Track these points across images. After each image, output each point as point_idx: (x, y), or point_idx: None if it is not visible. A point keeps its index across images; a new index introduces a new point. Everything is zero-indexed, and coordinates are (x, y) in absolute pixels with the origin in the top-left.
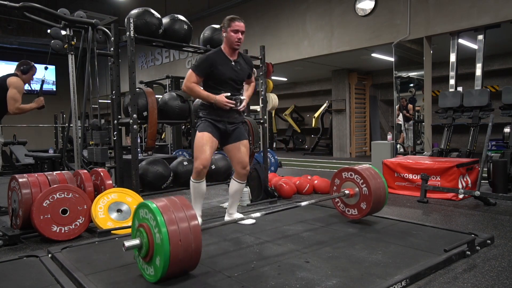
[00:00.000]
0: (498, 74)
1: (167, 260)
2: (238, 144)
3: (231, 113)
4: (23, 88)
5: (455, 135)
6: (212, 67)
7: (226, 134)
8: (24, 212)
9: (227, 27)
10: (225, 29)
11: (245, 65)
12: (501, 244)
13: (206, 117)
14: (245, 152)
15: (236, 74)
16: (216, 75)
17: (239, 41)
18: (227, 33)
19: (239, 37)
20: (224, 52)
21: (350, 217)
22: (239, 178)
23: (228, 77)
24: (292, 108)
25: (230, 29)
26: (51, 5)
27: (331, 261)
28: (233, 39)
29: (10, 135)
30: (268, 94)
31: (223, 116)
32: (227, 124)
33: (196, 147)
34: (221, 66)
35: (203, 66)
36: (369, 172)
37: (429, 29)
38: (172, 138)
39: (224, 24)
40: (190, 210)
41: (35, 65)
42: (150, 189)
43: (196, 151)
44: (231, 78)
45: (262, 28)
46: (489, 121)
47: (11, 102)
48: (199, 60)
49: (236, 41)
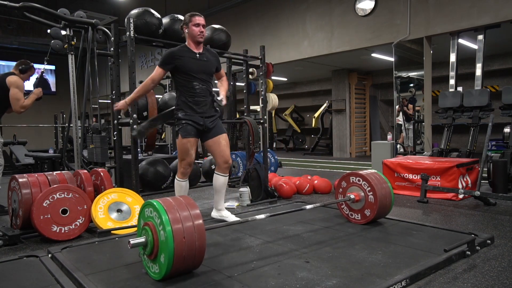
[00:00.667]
0: (498, 74)
1: (171, 257)
2: (218, 138)
3: (208, 108)
4: (24, 86)
5: (455, 135)
6: (175, 59)
7: (205, 129)
8: (24, 212)
9: (188, 23)
10: (186, 25)
11: (212, 57)
12: (501, 244)
13: (186, 119)
14: (225, 146)
15: (203, 65)
16: (181, 67)
17: (202, 33)
18: (189, 28)
19: (201, 30)
20: (189, 47)
21: (352, 221)
22: (222, 172)
23: (194, 69)
24: (292, 108)
25: (191, 24)
26: (51, 5)
27: (331, 261)
28: (195, 33)
29: (10, 135)
30: (268, 94)
31: (200, 112)
32: (205, 118)
33: (182, 151)
34: (184, 58)
35: (166, 59)
36: (377, 180)
37: (429, 29)
38: (172, 138)
39: (185, 21)
40: (195, 209)
41: (33, 66)
42: (150, 189)
43: (182, 154)
44: (198, 70)
45: (262, 28)
46: (489, 121)
47: (15, 102)
48: (163, 55)
49: (199, 34)
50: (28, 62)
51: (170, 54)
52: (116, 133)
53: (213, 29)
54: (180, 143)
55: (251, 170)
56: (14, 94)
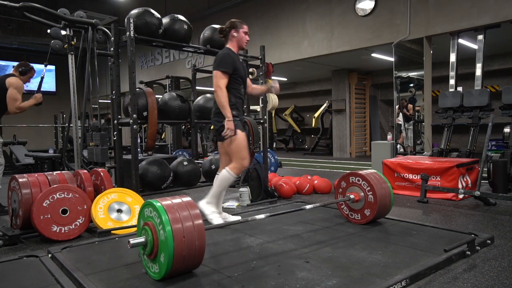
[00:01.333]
0: (498, 74)
1: (171, 257)
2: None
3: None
4: (23, 88)
5: (455, 135)
6: (235, 62)
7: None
8: (24, 212)
9: (239, 28)
10: (236, 29)
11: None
12: (501, 244)
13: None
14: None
15: (245, 69)
16: (236, 70)
17: (247, 42)
18: (239, 34)
19: (247, 39)
20: (233, 50)
21: (352, 221)
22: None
23: (243, 72)
24: (292, 108)
25: (242, 30)
26: (51, 5)
27: (331, 261)
28: (244, 39)
29: (10, 135)
30: (268, 94)
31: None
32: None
33: (242, 148)
34: (237, 61)
35: (229, 62)
36: (377, 180)
37: (429, 29)
38: (172, 138)
39: (234, 25)
40: (194, 209)
41: (34, 67)
42: (150, 189)
43: (243, 151)
44: (245, 73)
45: (262, 28)
46: (489, 121)
47: (11, 102)
48: (222, 58)
49: (246, 42)
50: (28, 64)
51: (230, 57)
52: (116, 133)
53: (213, 29)
54: (240, 138)
55: (251, 170)
56: (11, 94)
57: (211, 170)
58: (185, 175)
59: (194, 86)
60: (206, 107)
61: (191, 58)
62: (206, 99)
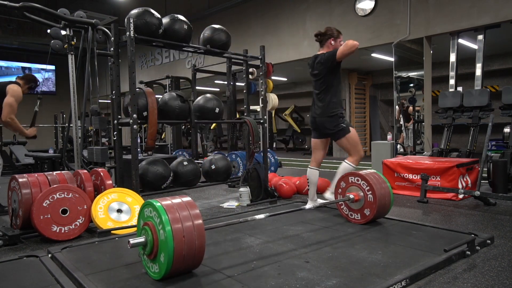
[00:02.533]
0: (498, 74)
1: (171, 257)
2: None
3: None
4: (21, 98)
5: (455, 135)
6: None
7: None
8: (24, 212)
9: (337, 38)
10: (334, 38)
11: None
12: (501, 244)
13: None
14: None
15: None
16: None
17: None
18: (337, 43)
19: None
20: None
21: (352, 221)
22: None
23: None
24: (292, 108)
25: (339, 40)
26: (51, 5)
27: (331, 261)
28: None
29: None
30: (268, 94)
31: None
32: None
33: (357, 141)
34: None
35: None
36: (376, 179)
37: (429, 29)
38: (172, 138)
39: (334, 34)
40: (194, 209)
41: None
42: (150, 189)
43: (358, 144)
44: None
45: (262, 28)
46: (489, 121)
47: (6, 109)
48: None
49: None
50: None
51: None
52: (116, 133)
53: (213, 29)
54: (353, 134)
55: (251, 170)
56: (9, 101)
57: (211, 170)
58: (185, 175)
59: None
60: (206, 107)
61: (191, 58)
62: (206, 99)
